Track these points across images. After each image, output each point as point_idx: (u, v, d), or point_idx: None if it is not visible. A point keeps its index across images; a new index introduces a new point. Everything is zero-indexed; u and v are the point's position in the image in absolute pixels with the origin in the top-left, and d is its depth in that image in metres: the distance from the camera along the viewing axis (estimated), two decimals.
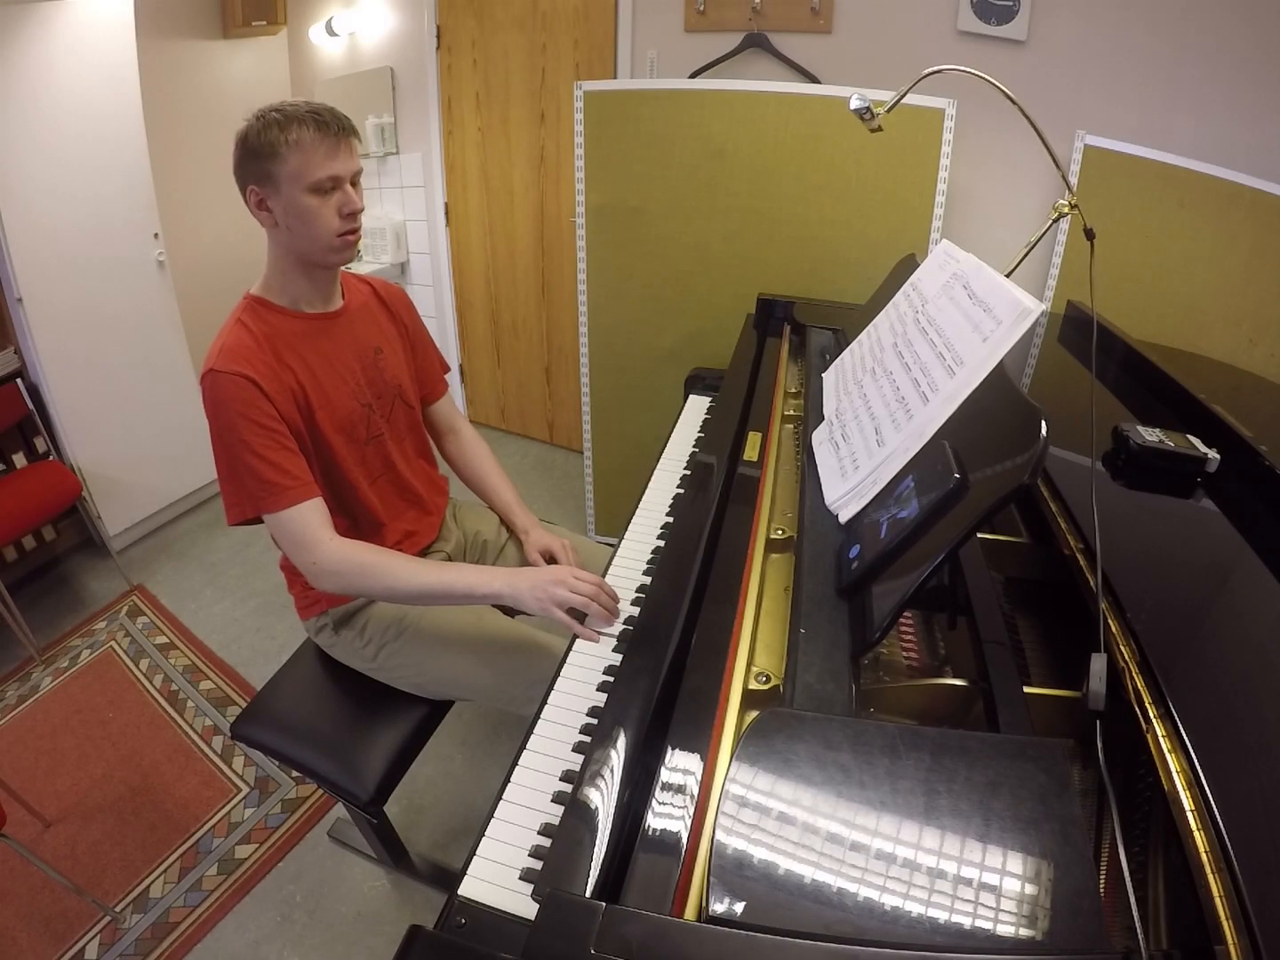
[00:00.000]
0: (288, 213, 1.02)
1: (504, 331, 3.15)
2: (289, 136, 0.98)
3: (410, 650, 1.20)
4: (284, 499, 1.02)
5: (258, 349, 1.04)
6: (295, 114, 0.99)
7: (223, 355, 1.01)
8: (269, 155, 0.98)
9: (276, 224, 1.04)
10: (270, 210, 1.03)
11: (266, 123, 0.98)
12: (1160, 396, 1.12)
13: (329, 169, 1.01)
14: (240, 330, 1.05)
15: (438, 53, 2.74)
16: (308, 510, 1.04)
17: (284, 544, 1.07)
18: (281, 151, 0.98)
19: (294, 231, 1.04)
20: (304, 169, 0.99)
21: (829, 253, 1.83)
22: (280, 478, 1.02)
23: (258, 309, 1.08)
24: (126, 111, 2.30)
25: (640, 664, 0.81)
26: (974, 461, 0.72)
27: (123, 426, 2.46)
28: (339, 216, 1.04)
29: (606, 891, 0.59)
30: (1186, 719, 0.55)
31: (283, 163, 0.99)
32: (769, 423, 1.22)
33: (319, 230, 1.03)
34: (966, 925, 0.47)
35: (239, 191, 1.05)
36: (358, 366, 1.17)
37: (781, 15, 2.04)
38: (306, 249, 1.06)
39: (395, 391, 1.24)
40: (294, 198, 1.01)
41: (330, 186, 1.02)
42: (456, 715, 1.79)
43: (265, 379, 1.02)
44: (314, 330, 1.12)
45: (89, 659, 2.13)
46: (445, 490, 1.41)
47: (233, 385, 0.99)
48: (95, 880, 1.55)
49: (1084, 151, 1.75)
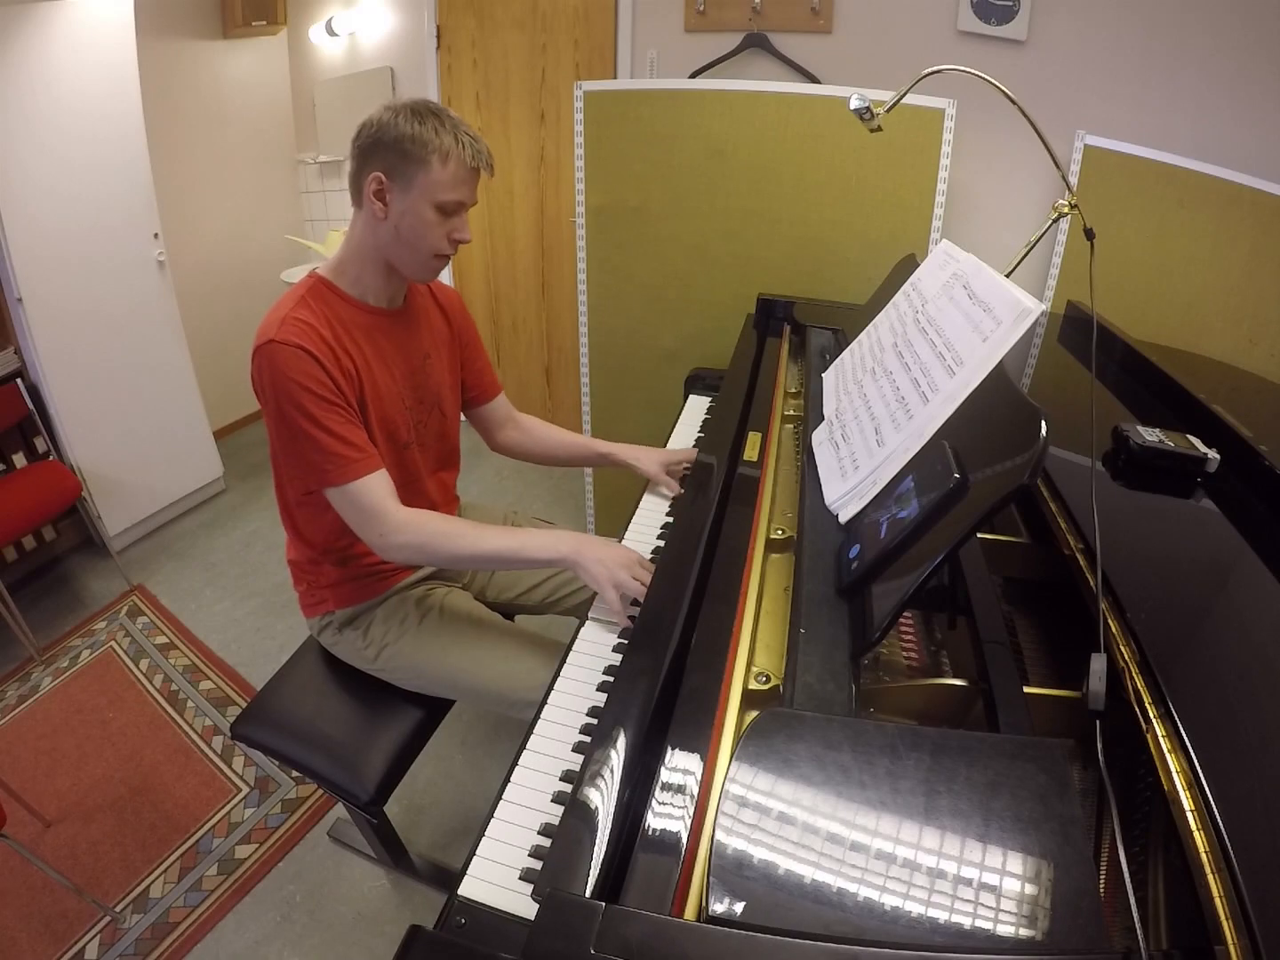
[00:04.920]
0: (404, 215, 1.01)
1: (504, 331, 3.15)
2: (444, 146, 0.97)
3: (411, 653, 1.20)
4: (351, 471, 1.01)
5: (320, 327, 1.03)
6: (452, 125, 0.99)
7: (284, 327, 0.99)
8: (415, 156, 0.97)
9: (385, 218, 1.02)
10: (386, 204, 1.01)
11: (421, 119, 0.97)
12: (1160, 396, 1.12)
13: (463, 195, 1.02)
14: (304, 308, 1.03)
15: (438, 53, 2.75)
16: (374, 481, 1.03)
17: (351, 517, 1.05)
18: (432, 160, 0.98)
19: (400, 235, 1.03)
20: (444, 186, 1.00)
21: (829, 253, 1.83)
22: (346, 449, 1.01)
23: (324, 291, 1.07)
24: (126, 111, 2.30)
25: (640, 664, 0.81)
26: (974, 461, 0.72)
27: (123, 426, 2.46)
28: (448, 240, 1.05)
29: (606, 891, 0.59)
30: (1186, 719, 0.55)
31: (424, 169, 0.98)
32: (769, 423, 1.22)
33: (424, 245, 1.04)
34: (966, 925, 0.47)
35: (350, 171, 1.04)
36: (406, 369, 1.17)
37: (781, 15, 2.05)
38: (400, 255, 1.06)
39: (435, 400, 1.23)
40: (419, 207, 1.01)
41: (453, 210, 1.03)
42: (456, 715, 1.79)
43: (326, 356, 1.01)
44: (375, 325, 1.11)
45: (89, 659, 2.13)
46: (456, 499, 1.41)
47: (294, 357, 0.98)
48: (95, 880, 1.55)
49: (1084, 151, 1.76)
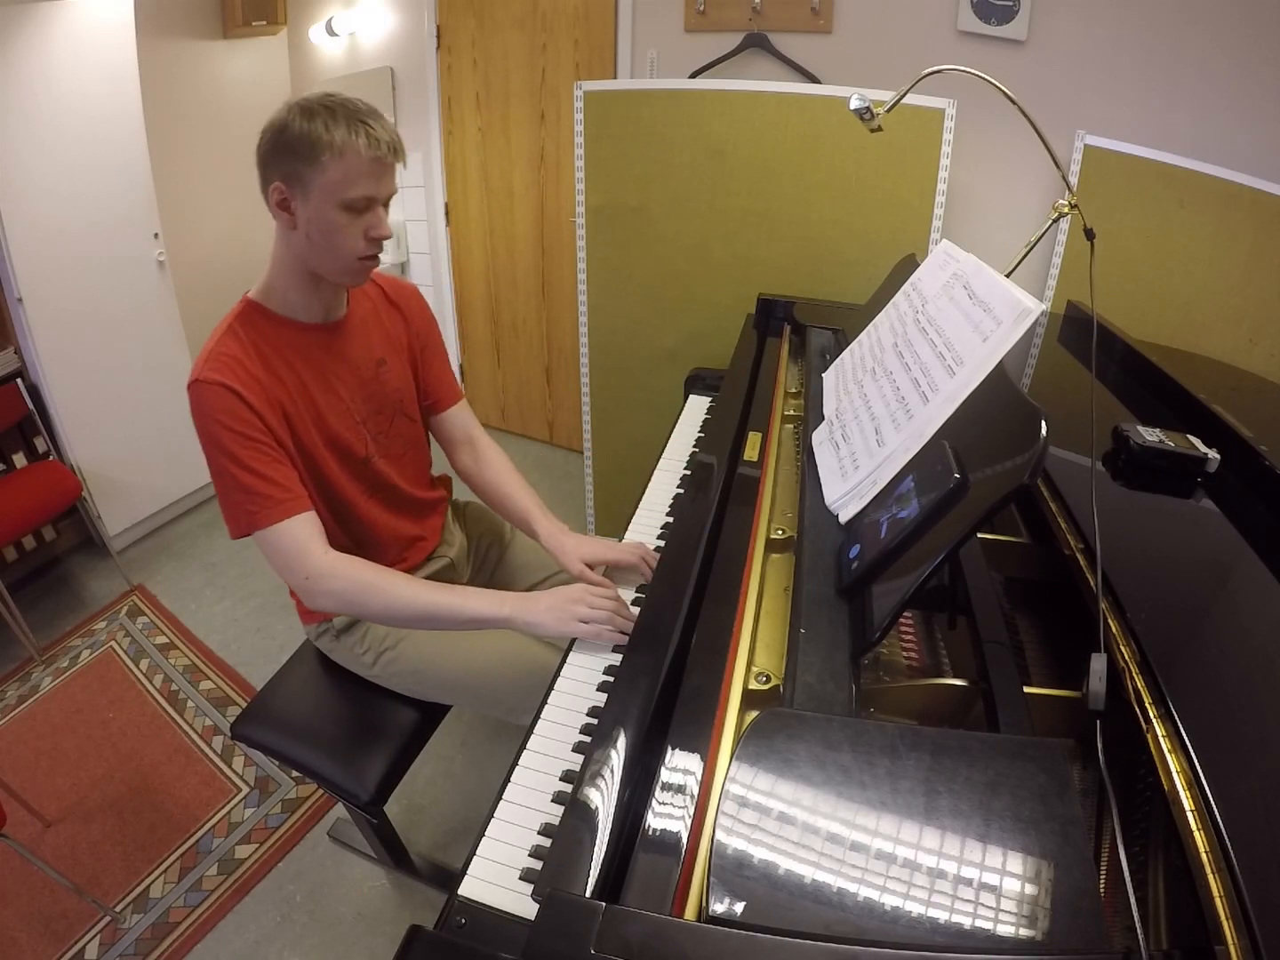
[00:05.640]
0: (311, 222, 0.95)
1: (504, 331, 3.15)
2: (335, 141, 0.89)
3: (409, 659, 1.20)
4: (274, 512, 0.97)
5: (245, 358, 0.98)
6: (346, 116, 0.89)
7: (206, 364, 0.95)
8: (308, 157, 0.90)
9: (295, 228, 0.96)
10: (293, 213, 0.95)
11: (311, 116, 0.89)
12: (1160, 396, 1.12)
13: (369, 189, 0.93)
14: (229, 338, 0.99)
15: (438, 53, 2.74)
16: (298, 524, 0.98)
17: (275, 561, 1.00)
18: (323, 158, 0.90)
19: (313, 243, 0.96)
20: (343, 184, 0.91)
21: (829, 253, 1.83)
22: (269, 489, 0.96)
23: (252, 316, 1.02)
24: (126, 111, 2.30)
25: (640, 664, 0.81)
26: (974, 461, 0.72)
27: (123, 426, 2.46)
28: (365, 239, 0.97)
29: (606, 891, 0.59)
30: (1186, 719, 0.55)
31: (321, 171, 0.90)
32: (769, 423, 1.22)
33: (341, 249, 0.97)
34: (966, 925, 0.47)
35: (259, 181, 0.95)
36: (355, 381, 1.11)
37: (781, 15, 2.04)
38: (321, 264, 1.00)
39: (396, 405, 1.18)
40: (323, 210, 0.93)
41: (364, 207, 0.95)
42: (456, 716, 1.79)
43: (249, 389, 0.96)
44: (311, 343, 1.06)
45: (89, 659, 2.13)
46: (447, 485, 1.38)
47: (214, 395, 0.94)
48: (95, 880, 1.55)
49: (1084, 151, 1.75)
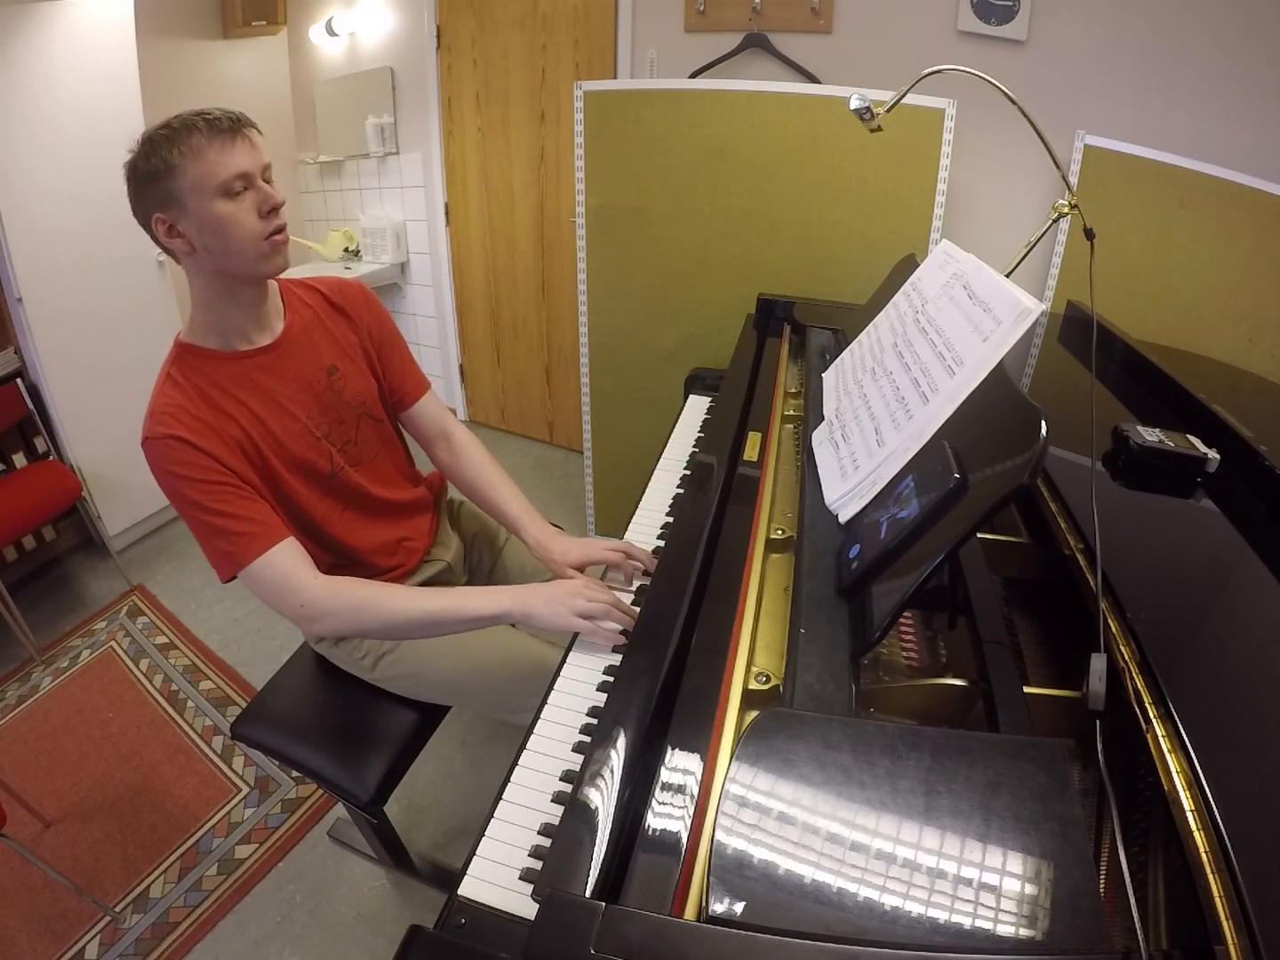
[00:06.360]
0: (202, 230, 0.91)
1: (504, 331, 3.15)
2: (180, 147, 0.88)
3: (407, 661, 1.19)
4: (252, 547, 0.95)
5: (189, 403, 0.95)
6: (180, 123, 0.89)
7: (153, 420, 0.93)
8: (164, 173, 0.89)
9: (193, 249, 0.93)
10: (183, 234, 0.92)
11: (154, 143, 0.89)
12: (1160, 396, 1.12)
13: (232, 166, 0.90)
14: (169, 387, 0.96)
15: (438, 53, 2.75)
16: (280, 553, 0.96)
17: (267, 596, 0.97)
18: (176, 164, 0.88)
19: (213, 250, 0.93)
20: (206, 174, 0.89)
21: (829, 253, 1.83)
22: (242, 526, 0.95)
23: (187, 358, 0.99)
24: (126, 111, 2.30)
25: (640, 664, 0.81)
26: (974, 461, 0.72)
27: (123, 426, 2.43)
28: (259, 216, 0.93)
29: (606, 891, 0.59)
30: (1186, 719, 0.55)
31: (180, 176, 0.89)
32: (769, 423, 1.22)
33: (241, 238, 0.92)
34: (966, 925, 0.47)
35: (144, 231, 0.94)
36: (308, 396, 1.08)
37: (781, 15, 2.04)
38: (231, 265, 0.95)
39: (359, 410, 1.15)
40: (204, 210, 0.90)
41: (241, 187, 0.91)
42: (456, 716, 1.79)
43: (200, 435, 0.94)
44: (252, 370, 1.03)
45: (89, 659, 2.13)
46: (438, 480, 1.36)
47: (167, 449, 0.92)
48: (95, 880, 1.55)
49: (1084, 151, 1.75)
